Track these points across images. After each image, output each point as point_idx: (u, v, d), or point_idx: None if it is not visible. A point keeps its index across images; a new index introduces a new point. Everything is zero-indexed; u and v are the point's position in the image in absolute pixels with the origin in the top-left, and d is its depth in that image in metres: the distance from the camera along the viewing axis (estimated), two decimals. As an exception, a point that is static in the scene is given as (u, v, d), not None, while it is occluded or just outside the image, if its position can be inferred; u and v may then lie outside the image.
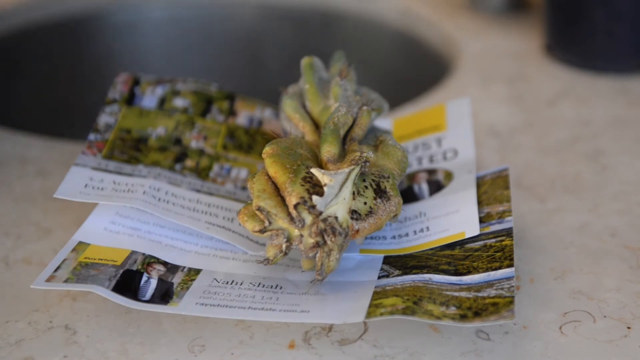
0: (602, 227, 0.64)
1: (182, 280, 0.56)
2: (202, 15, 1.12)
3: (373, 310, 0.51)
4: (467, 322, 0.50)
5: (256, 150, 0.68)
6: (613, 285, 0.58)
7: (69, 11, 1.08)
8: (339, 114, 0.59)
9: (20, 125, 0.84)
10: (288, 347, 0.53)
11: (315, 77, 0.65)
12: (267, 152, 0.56)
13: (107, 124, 0.66)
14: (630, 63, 0.88)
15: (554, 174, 0.71)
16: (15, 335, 0.54)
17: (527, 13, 1.01)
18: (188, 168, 0.65)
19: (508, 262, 0.54)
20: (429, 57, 1.00)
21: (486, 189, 0.62)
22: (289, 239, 0.54)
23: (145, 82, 0.70)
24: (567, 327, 0.54)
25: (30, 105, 1.07)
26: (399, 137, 0.69)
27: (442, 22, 0.99)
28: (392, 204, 0.56)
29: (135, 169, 0.63)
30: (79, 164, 0.62)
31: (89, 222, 0.59)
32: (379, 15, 1.07)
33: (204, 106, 0.70)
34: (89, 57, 1.10)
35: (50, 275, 0.54)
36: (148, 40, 1.12)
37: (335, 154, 0.57)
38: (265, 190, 0.55)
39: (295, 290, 0.55)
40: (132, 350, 0.53)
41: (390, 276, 0.56)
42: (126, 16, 1.10)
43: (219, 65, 1.13)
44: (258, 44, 1.13)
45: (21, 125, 0.84)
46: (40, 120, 1.05)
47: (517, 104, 0.83)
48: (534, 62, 0.91)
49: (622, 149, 0.75)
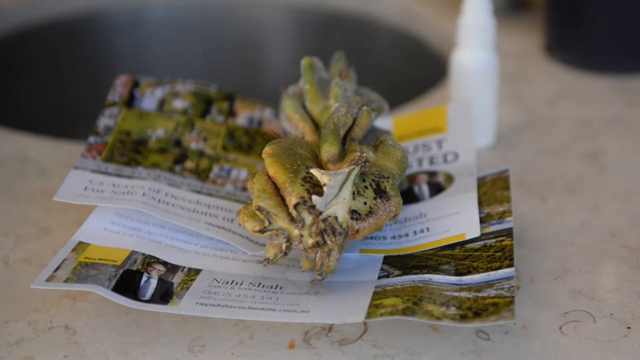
0: (602, 227, 0.64)
1: (182, 280, 0.56)
2: (202, 15, 1.12)
3: (373, 311, 0.51)
4: (467, 322, 0.50)
5: (256, 151, 0.68)
6: (613, 285, 0.58)
7: (69, 11, 1.08)
8: (339, 114, 0.59)
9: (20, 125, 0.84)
10: (288, 347, 0.53)
11: (315, 77, 0.65)
12: (267, 152, 0.56)
13: (106, 127, 0.66)
14: (630, 63, 0.88)
15: (554, 174, 0.71)
16: (15, 335, 0.54)
17: (527, 13, 1.01)
18: (188, 169, 0.65)
19: (508, 262, 0.54)
20: (429, 57, 1.00)
21: (486, 190, 0.62)
22: (289, 239, 0.54)
23: (144, 84, 0.70)
24: (567, 327, 0.54)
25: (31, 105, 1.07)
26: (399, 137, 0.69)
27: (442, 22, 0.99)
28: (392, 204, 0.56)
29: (135, 171, 0.63)
30: (79, 167, 0.62)
31: (89, 222, 0.59)
32: (379, 15, 1.07)
33: (204, 107, 0.70)
34: (89, 57, 1.10)
35: (50, 275, 0.54)
36: (148, 40, 1.12)
37: (335, 154, 0.57)
38: (265, 190, 0.55)
39: (295, 290, 0.55)
40: (132, 350, 0.53)
41: (390, 276, 0.56)
42: (126, 16, 1.10)
43: (219, 65, 1.14)
44: (258, 44, 1.13)
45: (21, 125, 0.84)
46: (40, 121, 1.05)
47: (517, 104, 0.83)
48: (534, 62, 0.91)
49: (622, 149, 0.75)
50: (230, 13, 1.12)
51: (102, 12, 1.09)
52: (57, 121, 1.06)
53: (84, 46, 1.10)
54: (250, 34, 1.13)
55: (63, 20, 1.07)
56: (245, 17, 1.12)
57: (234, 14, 1.12)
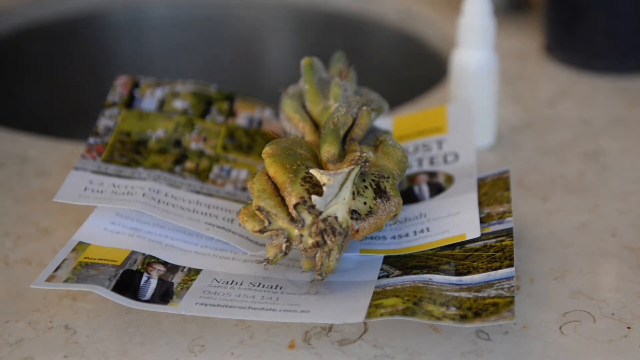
0: (602, 227, 0.64)
1: (182, 280, 0.56)
2: (202, 15, 1.12)
3: (373, 311, 0.51)
4: (467, 322, 0.50)
5: (256, 151, 0.68)
6: (613, 285, 0.58)
7: (69, 11, 1.08)
8: (338, 114, 0.59)
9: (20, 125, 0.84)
10: (288, 347, 0.53)
11: (315, 77, 0.65)
12: (267, 152, 0.57)
13: (106, 127, 0.66)
14: (630, 63, 0.88)
15: (554, 174, 0.71)
16: (15, 335, 0.54)
17: (527, 13, 1.01)
18: (188, 170, 0.65)
19: (508, 262, 0.54)
20: (429, 57, 1.00)
21: (487, 190, 0.62)
22: (289, 239, 0.54)
23: (144, 84, 0.70)
24: (567, 327, 0.54)
25: (31, 105, 1.07)
26: (399, 137, 0.69)
27: (442, 22, 0.99)
28: (392, 204, 0.56)
29: (135, 171, 0.63)
30: (79, 168, 0.62)
31: (89, 222, 0.59)
32: (379, 15, 1.07)
33: (204, 107, 0.70)
34: (89, 57, 1.10)
35: (50, 275, 0.54)
36: (148, 40, 1.12)
37: (335, 154, 0.57)
38: (265, 190, 0.55)
39: (295, 290, 0.55)
40: (132, 350, 0.53)
41: (390, 276, 0.56)
42: (126, 16, 1.10)
43: (219, 65, 1.14)
44: (258, 44, 1.13)
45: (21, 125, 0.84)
46: (40, 121, 1.05)
47: (517, 104, 0.83)
48: (534, 62, 0.91)
49: (622, 149, 0.75)
50: (230, 13, 1.12)
51: (102, 12, 1.09)
52: (57, 121, 1.06)
53: (84, 46, 1.10)
54: (250, 34, 1.13)
55: (63, 20, 1.07)
56: (245, 17, 1.12)
57: (234, 13, 1.12)
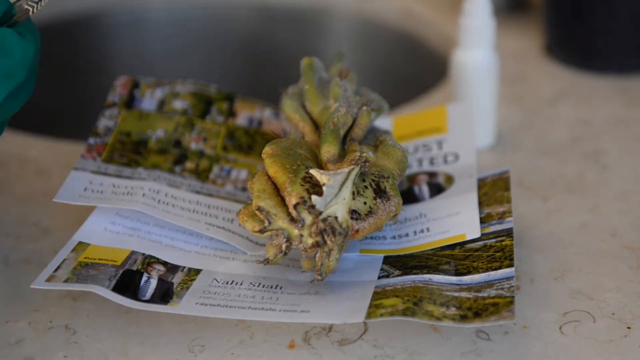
0: (602, 227, 0.64)
1: (182, 280, 0.56)
2: (202, 15, 1.12)
3: (373, 311, 0.51)
4: (467, 322, 0.50)
5: (256, 151, 0.68)
6: (613, 285, 0.58)
7: (69, 11, 1.07)
8: (338, 114, 0.59)
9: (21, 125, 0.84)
10: (288, 347, 0.53)
11: (315, 77, 0.65)
12: (267, 152, 0.57)
13: (106, 128, 0.66)
14: (630, 63, 0.88)
15: (554, 174, 0.71)
16: (15, 335, 0.54)
17: (527, 13, 1.01)
18: (188, 170, 0.65)
19: (508, 262, 0.54)
20: (429, 57, 1.00)
21: (487, 190, 0.62)
22: (289, 239, 0.54)
23: (144, 84, 0.70)
24: (567, 327, 0.54)
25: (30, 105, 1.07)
26: (399, 137, 0.69)
27: (442, 22, 0.99)
28: (392, 203, 0.56)
29: (135, 172, 0.63)
30: (79, 168, 0.62)
31: (89, 222, 0.59)
32: (379, 15, 1.07)
33: (204, 107, 0.70)
34: (89, 57, 1.10)
35: (50, 275, 0.54)
36: (148, 40, 1.12)
37: (335, 154, 0.57)
38: (265, 190, 0.55)
39: (295, 290, 0.55)
40: (132, 350, 0.53)
41: (390, 276, 0.56)
42: (126, 16, 1.10)
43: (219, 65, 1.13)
44: (258, 44, 1.13)
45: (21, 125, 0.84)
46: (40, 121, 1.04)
47: (517, 104, 0.83)
48: (534, 62, 0.91)
49: (622, 149, 0.75)
50: (231, 13, 1.12)
51: (102, 12, 1.09)
52: (57, 121, 1.06)
53: (84, 46, 1.10)
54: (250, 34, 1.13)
55: (63, 20, 1.07)
56: (245, 17, 1.12)
57: (234, 14, 1.12)
